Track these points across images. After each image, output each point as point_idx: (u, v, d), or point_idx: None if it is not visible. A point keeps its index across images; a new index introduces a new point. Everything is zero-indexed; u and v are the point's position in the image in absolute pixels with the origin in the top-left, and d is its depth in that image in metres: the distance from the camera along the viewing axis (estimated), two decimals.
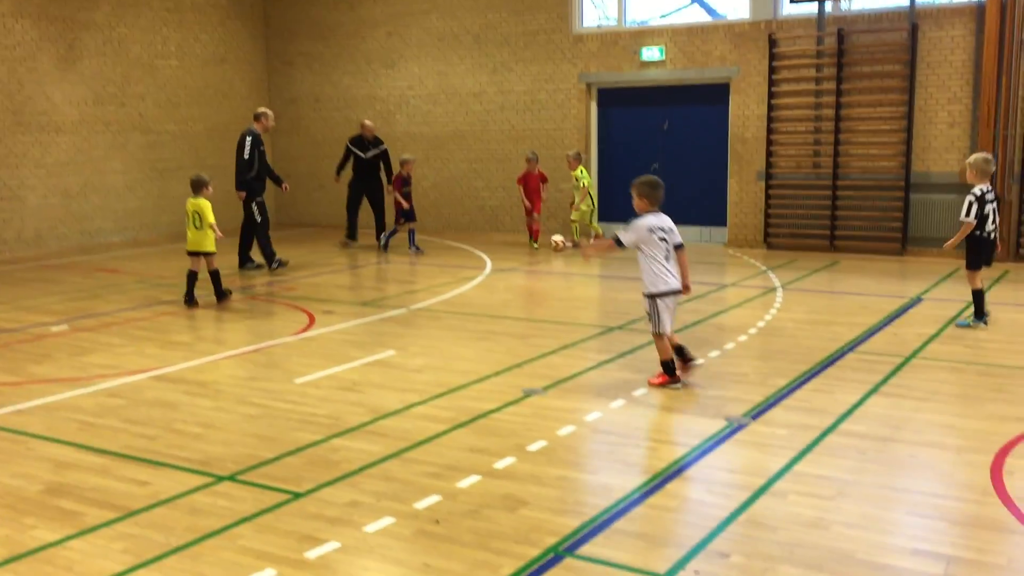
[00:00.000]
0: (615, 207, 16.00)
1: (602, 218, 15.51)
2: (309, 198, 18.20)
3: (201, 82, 17.19)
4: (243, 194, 12.17)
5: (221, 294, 10.13)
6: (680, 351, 6.66)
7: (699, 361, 7.00)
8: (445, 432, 5.72)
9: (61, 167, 15.08)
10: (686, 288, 6.64)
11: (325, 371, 7.24)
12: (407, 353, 7.82)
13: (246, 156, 12.05)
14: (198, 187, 10.02)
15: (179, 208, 16.78)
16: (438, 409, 6.22)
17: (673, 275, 6.54)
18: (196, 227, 9.94)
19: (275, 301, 10.32)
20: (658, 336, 6.61)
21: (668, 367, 6.64)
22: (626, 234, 6.59)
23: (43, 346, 8.26)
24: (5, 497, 4.77)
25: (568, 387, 6.72)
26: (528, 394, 6.50)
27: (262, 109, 12.65)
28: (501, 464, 5.15)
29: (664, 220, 6.58)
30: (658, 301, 6.53)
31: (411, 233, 14.08)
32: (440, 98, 16.81)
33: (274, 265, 12.10)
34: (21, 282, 11.84)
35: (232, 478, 5.01)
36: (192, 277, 10.00)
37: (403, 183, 13.94)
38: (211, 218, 9.91)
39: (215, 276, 10.06)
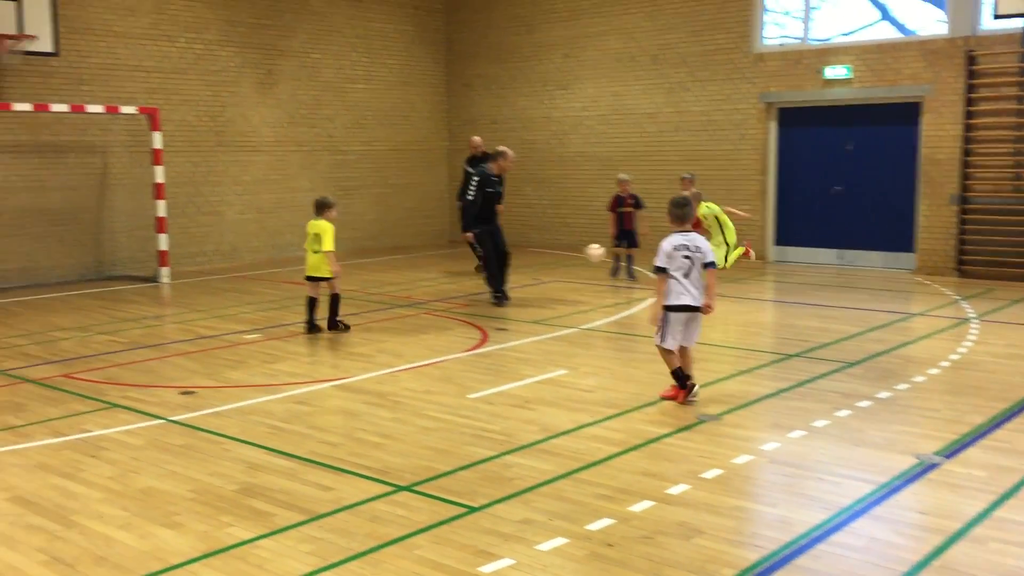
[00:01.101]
0: (794, 232, 15.52)
1: (782, 242, 15.14)
2: None
3: (386, 104, 17.92)
4: (470, 236, 11.38)
5: (334, 323, 9.52)
6: (677, 375, 6.79)
7: (695, 396, 6.82)
8: (617, 454, 5.67)
9: (257, 184, 16.06)
10: (707, 307, 6.72)
11: (498, 388, 7.35)
12: (578, 373, 7.83)
13: (470, 197, 11.17)
14: (322, 208, 9.45)
15: (362, 224, 17.61)
16: (610, 431, 6.19)
17: (690, 292, 6.65)
18: (315, 251, 9.42)
19: (449, 317, 10.57)
20: (661, 349, 6.76)
21: (677, 376, 6.76)
22: (657, 258, 6.72)
23: (238, 353, 8.79)
24: (204, 494, 5.09)
25: (744, 414, 6.54)
26: (702, 420, 6.36)
27: (502, 148, 11.53)
28: (675, 490, 5.05)
29: (692, 239, 6.72)
30: (669, 315, 6.68)
31: (628, 259, 13.12)
32: (614, 119, 16.82)
33: (498, 298, 11.37)
34: (218, 292, 12.66)
35: (410, 488, 5.14)
36: (311, 304, 9.50)
37: (619, 204, 13.16)
38: (330, 244, 9.35)
39: (334, 300, 9.53)
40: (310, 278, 9.57)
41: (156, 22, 14.49)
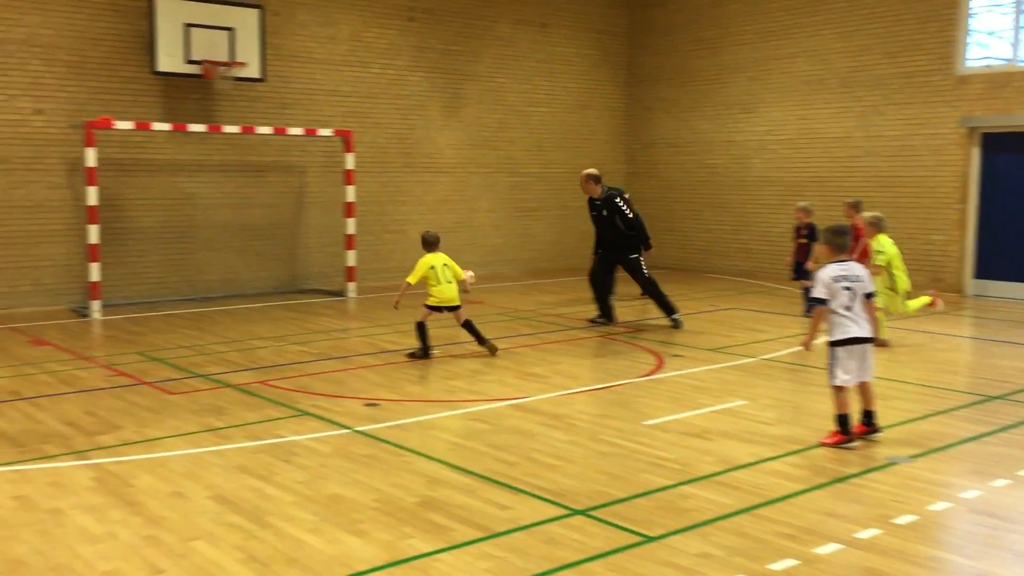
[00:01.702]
0: (996, 265, 14.54)
1: (982, 275, 14.21)
2: (658, 240, 18.34)
3: (566, 127, 18.11)
4: (650, 251, 11.64)
5: (484, 340, 9.47)
6: (868, 416, 6.48)
7: (880, 433, 6.46)
8: (801, 492, 5.45)
9: (439, 204, 16.57)
10: (874, 340, 6.47)
11: (674, 415, 7.23)
12: (758, 404, 7.59)
13: (631, 215, 11.31)
14: (438, 243, 9.54)
15: (539, 246, 17.82)
16: (792, 467, 5.96)
17: (856, 323, 6.32)
18: (448, 281, 9.39)
19: (624, 341, 10.50)
20: (834, 388, 6.39)
21: (841, 422, 6.37)
22: (816, 289, 6.43)
23: (419, 368, 9.05)
24: (387, 504, 5.26)
25: (940, 458, 6.15)
26: (893, 462, 6.03)
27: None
28: (864, 534, 4.80)
29: (851, 268, 6.43)
30: (837, 350, 6.35)
31: (804, 292, 11.84)
32: (800, 143, 16.31)
33: (675, 319, 11.33)
34: (401, 308, 13.06)
35: (585, 513, 5.13)
36: (423, 331, 9.41)
37: (797, 234, 12.36)
38: (461, 272, 9.50)
39: (469, 325, 9.49)
40: (444, 308, 9.45)
41: (353, 49, 15.24)
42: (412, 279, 9.45)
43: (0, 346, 9.96)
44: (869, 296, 6.45)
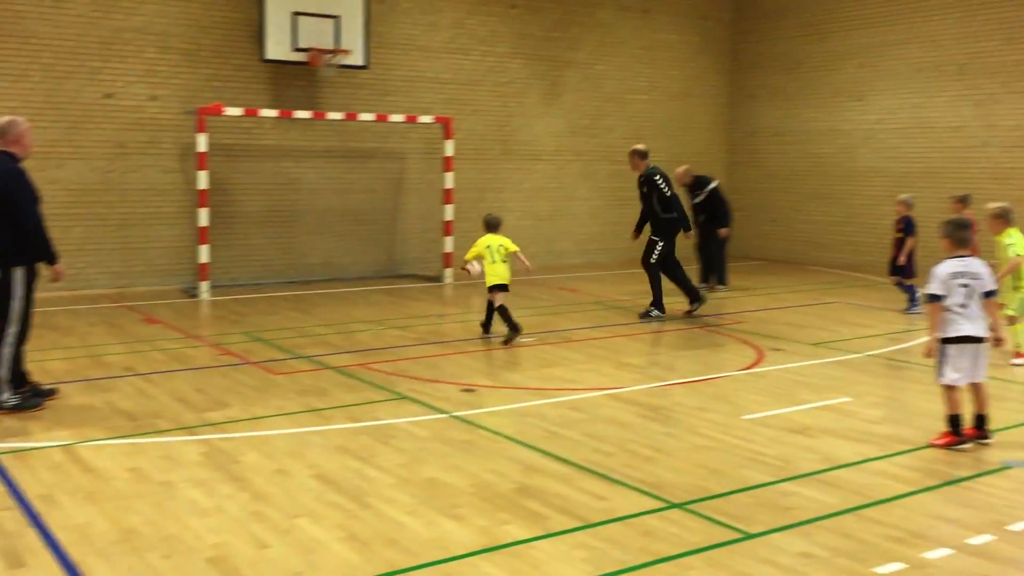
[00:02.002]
0: None
1: None
2: (759, 231, 18.05)
3: (666, 115, 17.87)
4: (688, 234, 11.60)
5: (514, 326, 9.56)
6: (980, 421, 6.22)
7: (991, 439, 6.20)
8: (909, 494, 5.27)
9: (536, 192, 16.57)
10: (998, 341, 6.23)
11: (774, 410, 7.08)
12: (863, 402, 7.37)
13: (669, 194, 11.18)
14: (499, 225, 10.03)
15: None
16: (900, 467, 5.76)
17: (970, 321, 6.08)
18: (503, 261, 9.70)
19: (723, 333, 10.33)
20: (944, 387, 6.17)
21: (952, 423, 6.15)
22: (931, 285, 6.16)
23: (515, 355, 9.08)
24: (484, 490, 5.29)
25: None
26: (1009, 465, 5.77)
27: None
28: (976, 540, 4.61)
29: (970, 265, 6.16)
30: (947, 348, 6.13)
31: (907, 289, 11.64)
32: (912, 132, 15.73)
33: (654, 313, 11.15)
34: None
35: (682, 506, 5.06)
36: (492, 309, 9.72)
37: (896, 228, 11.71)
38: (512, 246, 9.87)
39: (503, 310, 9.61)
40: (499, 287, 9.63)
41: (454, 36, 15.34)
42: (469, 255, 9.89)
43: (116, 323, 10.39)
44: (989, 295, 6.16)
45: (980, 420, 6.24)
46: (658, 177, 11.19)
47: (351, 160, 14.68)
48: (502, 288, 9.67)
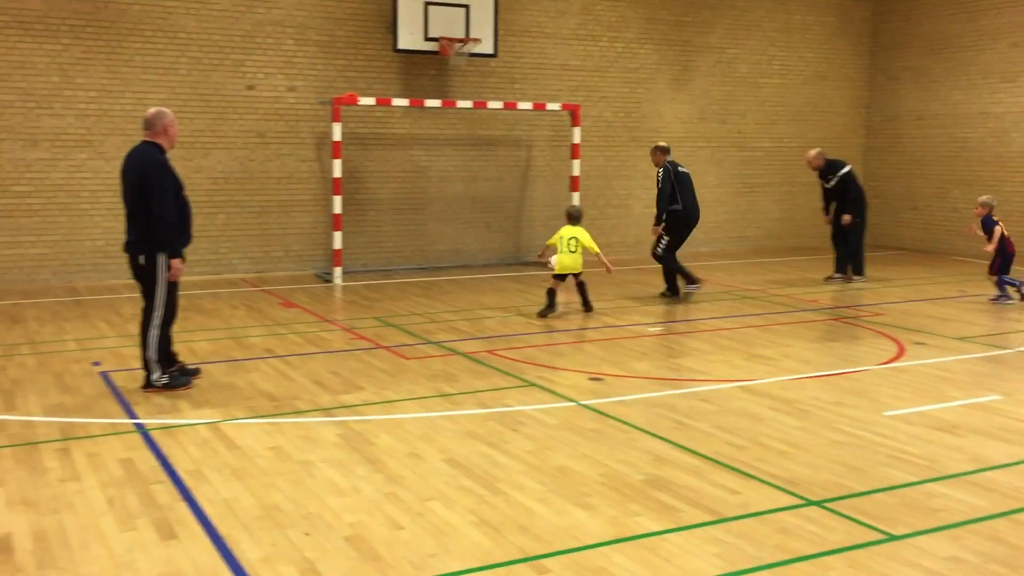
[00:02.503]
0: None
1: None
2: (899, 219, 17.29)
3: (800, 100, 17.32)
4: (656, 228, 11.50)
5: (588, 304, 10.47)
6: None
7: None
8: None
9: None
10: None
11: (918, 407, 6.77)
12: (1015, 400, 6.98)
13: (668, 188, 11.35)
14: (580, 218, 10.59)
15: (765, 223, 17.24)
16: None
17: None
18: (571, 251, 10.26)
19: (861, 326, 9.95)
20: None
21: None
22: None
23: (642, 344, 8.99)
24: (613, 480, 5.26)
25: None
26: None
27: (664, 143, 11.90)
28: None
29: None
30: None
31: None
32: None
33: (680, 292, 11.60)
34: (623, 283, 13.06)
35: (820, 504, 4.91)
36: (554, 293, 10.30)
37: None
38: (592, 245, 10.35)
39: (581, 287, 10.45)
40: (563, 275, 10.34)
41: (583, 23, 15.25)
42: (549, 242, 10.76)
43: (255, 307, 10.81)
44: None
45: None
46: (661, 171, 11.47)
47: (479, 148, 14.80)
48: (564, 277, 10.35)
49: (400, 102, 13.31)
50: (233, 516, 4.69)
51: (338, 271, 12.92)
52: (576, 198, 14.36)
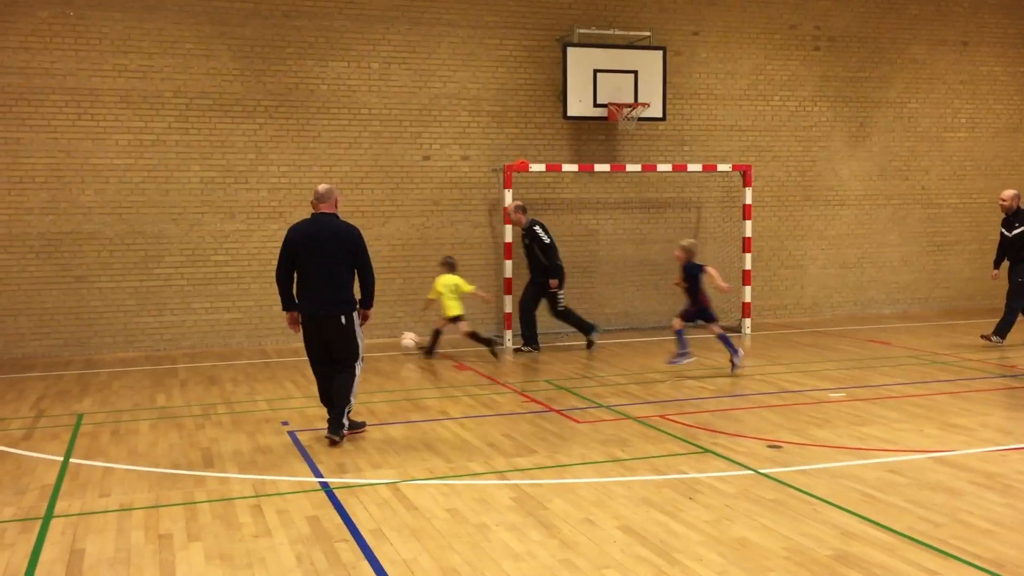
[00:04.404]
0: None
1: None
2: None
3: (990, 153, 16.41)
4: (552, 283, 12.18)
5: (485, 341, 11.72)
6: None
7: None
8: None
9: (841, 239, 15.77)
10: None
11: None
12: None
13: (548, 241, 12.17)
14: (455, 267, 11.94)
15: (956, 283, 16.34)
16: None
17: None
18: (454, 298, 11.69)
19: None
20: None
21: None
22: None
23: (822, 411, 8.62)
24: (797, 555, 5.03)
25: None
26: None
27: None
28: None
29: None
30: None
31: None
32: None
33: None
34: (799, 346, 12.62)
35: None
36: (438, 336, 11.95)
37: None
38: (469, 287, 11.80)
39: (437, 336, 11.94)
40: (456, 318, 11.69)
41: (754, 83, 15.08)
42: (430, 296, 12.14)
43: (429, 369, 11.11)
44: None
45: None
46: (537, 227, 12.16)
47: (648, 211, 14.79)
48: (457, 319, 11.66)
49: (570, 167, 13.52)
50: None
51: (508, 334, 13.11)
52: (748, 259, 14.07)
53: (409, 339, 12.16)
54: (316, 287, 7.53)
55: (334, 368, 7.65)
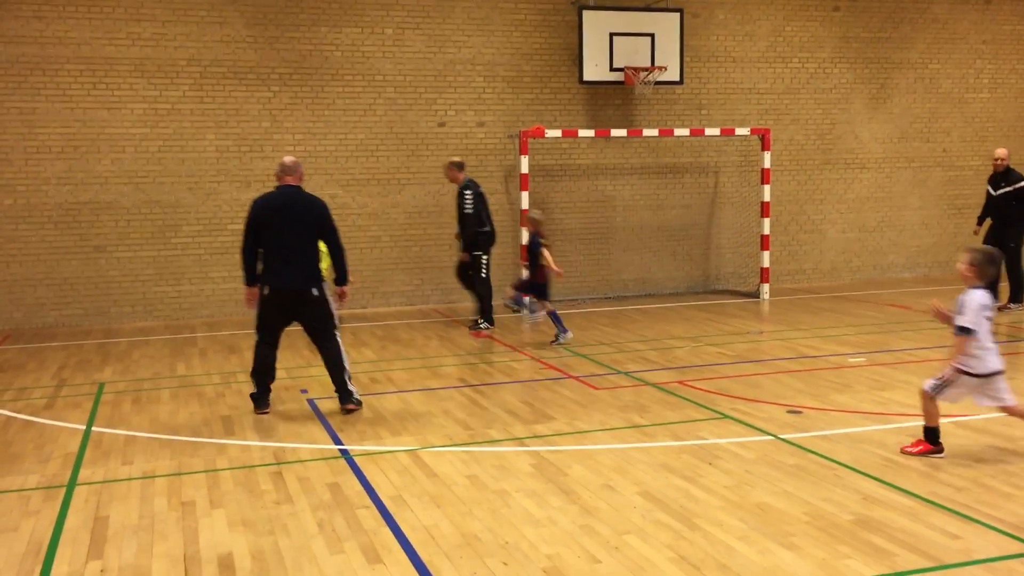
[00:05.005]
0: None
1: None
2: None
3: (1012, 114, 16.18)
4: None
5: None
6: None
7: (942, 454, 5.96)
8: None
9: (861, 203, 15.62)
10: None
11: None
12: None
13: (468, 211, 11.04)
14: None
15: (977, 245, 16.11)
16: None
17: (997, 355, 5.96)
18: None
19: None
20: (930, 398, 6.03)
21: (931, 435, 6.07)
22: (965, 316, 5.96)
23: (843, 376, 8.58)
24: (819, 519, 5.01)
25: None
26: None
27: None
28: None
29: (990, 298, 6.06)
30: (966, 378, 5.95)
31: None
32: None
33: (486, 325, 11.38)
34: (818, 311, 12.55)
35: None
36: None
37: None
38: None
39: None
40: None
41: (772, 44, 14.88)
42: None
43: (448, 337, 11.11)
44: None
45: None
46: (468, 192, 11.08)
47: (665, 176, 14.68)
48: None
49: (586, 133, 13.41)
50: (434, 543, 4.80)
51: (527, 300, 13.07)
52: (767, 224, 13.96)
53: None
54: (287, 260, 7.32)
55: (313, 341, 7.62)
